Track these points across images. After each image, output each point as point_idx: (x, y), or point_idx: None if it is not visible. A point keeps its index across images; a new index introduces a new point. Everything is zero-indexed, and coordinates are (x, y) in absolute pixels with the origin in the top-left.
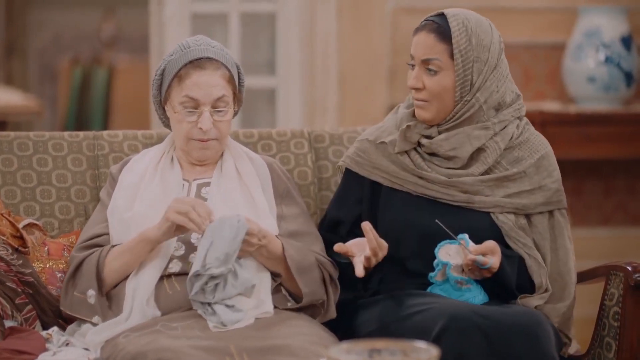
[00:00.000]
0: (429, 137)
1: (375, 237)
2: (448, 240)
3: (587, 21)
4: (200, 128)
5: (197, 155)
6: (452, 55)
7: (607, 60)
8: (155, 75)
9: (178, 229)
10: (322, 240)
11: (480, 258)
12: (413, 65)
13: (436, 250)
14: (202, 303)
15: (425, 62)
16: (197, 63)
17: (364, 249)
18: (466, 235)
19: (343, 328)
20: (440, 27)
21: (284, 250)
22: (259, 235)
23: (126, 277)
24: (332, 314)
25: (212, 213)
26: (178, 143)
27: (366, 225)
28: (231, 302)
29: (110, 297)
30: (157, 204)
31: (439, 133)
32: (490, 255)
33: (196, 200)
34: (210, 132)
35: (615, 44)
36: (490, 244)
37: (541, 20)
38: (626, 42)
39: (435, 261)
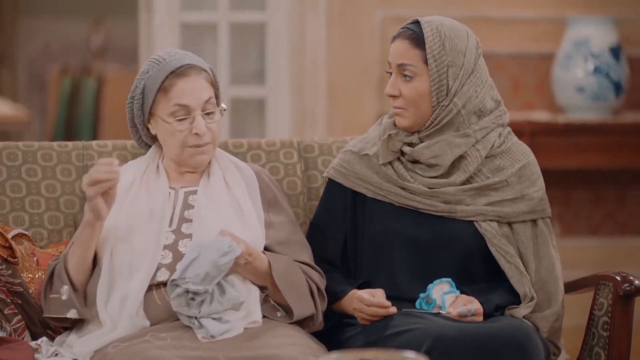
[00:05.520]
0: (410, 144)
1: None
2: (443, 279)
3: (576, 31)
4: (196, 133)
5: (194, 161)
6: (426, 61)
7: (596, 70)
8: (134, 97)
9: (106, 197)
10: (309, 248)
11: (462, 309)
12: (391, 74)
13: (430, 287)
14: (189, 317)
15: (401, 68)
16: (179, 72)
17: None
18: (449, 280)
19: (329, 343)
20: (414, 33)
21: (272, 269)
22: (244, 253)
23: (96, 276)
24: (320, 324)
25: (112, 162)
26: (172, 154)
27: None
28: (218, 315)
29: (85, 295)
30: (143, 213)
31: (420, 140)
32: (467, 302)
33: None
34: (205, 136)
35: (604, 54)
36: (463, 297)
37: (530, 30)
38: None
39: (424, 296)
